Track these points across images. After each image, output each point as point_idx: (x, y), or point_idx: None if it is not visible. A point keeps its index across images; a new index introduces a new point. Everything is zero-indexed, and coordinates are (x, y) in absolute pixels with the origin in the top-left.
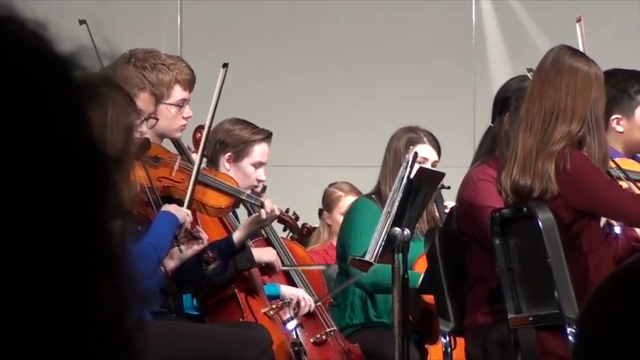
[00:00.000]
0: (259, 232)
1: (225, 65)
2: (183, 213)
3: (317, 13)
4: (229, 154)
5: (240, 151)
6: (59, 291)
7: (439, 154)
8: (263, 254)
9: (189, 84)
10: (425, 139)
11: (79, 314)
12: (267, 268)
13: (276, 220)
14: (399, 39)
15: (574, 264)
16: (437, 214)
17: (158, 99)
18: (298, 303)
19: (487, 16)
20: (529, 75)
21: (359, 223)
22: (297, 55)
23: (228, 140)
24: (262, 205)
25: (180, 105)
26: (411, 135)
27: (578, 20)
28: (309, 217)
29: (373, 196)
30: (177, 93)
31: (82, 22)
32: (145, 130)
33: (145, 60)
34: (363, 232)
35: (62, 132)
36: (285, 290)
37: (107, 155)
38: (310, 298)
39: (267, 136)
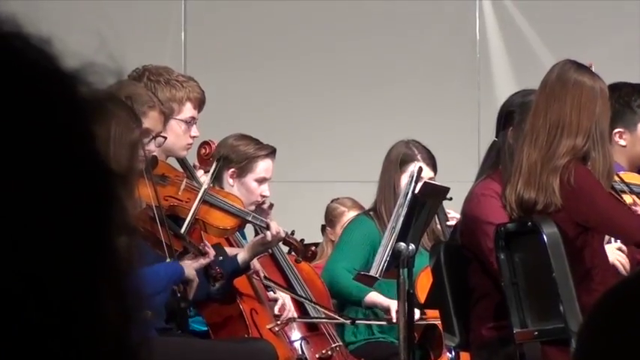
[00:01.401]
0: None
1: (219, 160)
2: (194, 272)
3: (321, 31)
4: (233, 169)
5: (243, 167)
6: (64, 307)
7: (434, 169)
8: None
9: (200, 103)
10: (419, 157)
11: (84, 330)
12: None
13: (281, 242)
14: (402, 54)
15: (578, 278)
16: (438, 227)
17: (167, 117)
18: (283, 306)
19: (491, 31)
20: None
21: (347, 237)
22: (300, 72)
23: (232, 156)
24: (268, 227)
25: (189, 122)
26: (405, 151)
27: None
28: (311, 231)
29: (370, 213)
30: (188, 110)
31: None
32: (152, 148)
33: (158, 75)
34: (349, 247)
35: (66, 148)
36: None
37: (112, 171)
38: (292, 309)
39: (271, 151)
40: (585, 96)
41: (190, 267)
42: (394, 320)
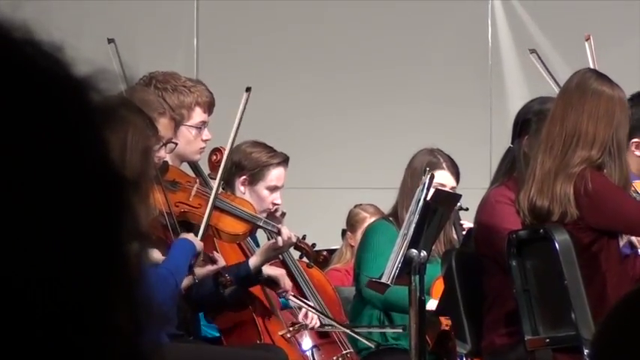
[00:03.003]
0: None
1: (248, 89)
2: (200, 242)
3: (334, 36)
4: (244, 177)
5: (255, 175)
6: (75, 315)
7: (458, 179)
8: (269, 269)
9: (209, 107)
10: (444, 165)
11: (96, 338)
12: (273, 284)
13: (292, 247)
14: (415, 60)
15: (592, 282)
16: (455, 235)
17: (177, 123)
18: (306, 314)
19: (503, 37)
20: (531, 57)
21: (374, 244)
22: (314, 78)
23: (245, 163)
24: (279, 232)
25: (199, 127)
26: (431, 159)
27: (587, 39)
28: (323, 237)
29: (390, 218)
30: (198, 115)
31: (110, 40)
32: (163, 154)
33: (165, 82)
34: (379, 254)
35: (78, 155)
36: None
37: (124, 178)
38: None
39: (283, 160)
40: (603, 106)
41: (194, 238)
42: None
